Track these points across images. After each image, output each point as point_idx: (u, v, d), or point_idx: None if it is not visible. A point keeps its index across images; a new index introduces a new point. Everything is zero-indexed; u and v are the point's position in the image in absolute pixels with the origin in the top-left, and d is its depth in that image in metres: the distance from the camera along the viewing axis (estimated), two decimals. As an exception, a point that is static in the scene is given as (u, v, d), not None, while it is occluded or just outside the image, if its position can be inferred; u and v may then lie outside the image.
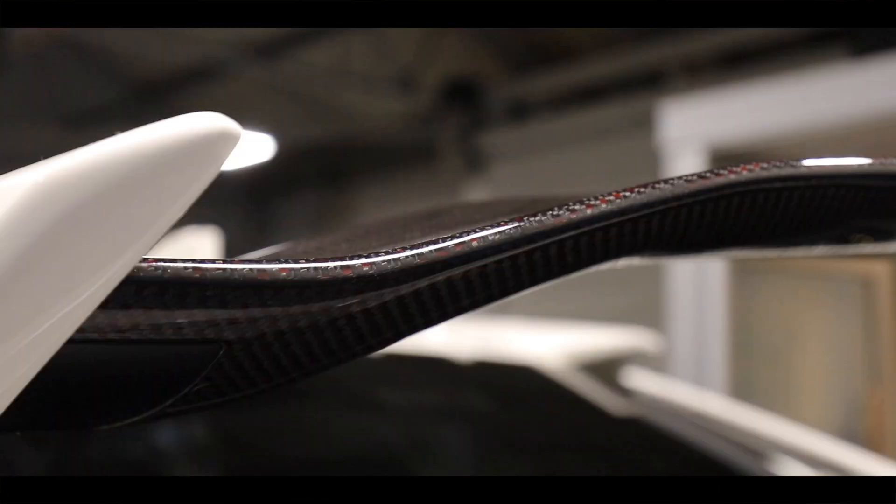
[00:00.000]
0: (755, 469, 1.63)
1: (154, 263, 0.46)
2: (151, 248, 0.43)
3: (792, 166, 0.55)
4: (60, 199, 0.40)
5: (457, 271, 0.50)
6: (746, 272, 5.21)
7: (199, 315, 0.47)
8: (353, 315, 0.50)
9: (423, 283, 0.50)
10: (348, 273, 0.48)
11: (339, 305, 0.49)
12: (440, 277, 0.50)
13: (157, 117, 0.43)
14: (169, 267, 0.45)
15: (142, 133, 0.41)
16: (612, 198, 0.52)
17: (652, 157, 5.61)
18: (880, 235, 0.64)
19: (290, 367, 0.51)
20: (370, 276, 0.48)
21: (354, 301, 0.49)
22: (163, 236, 0.44)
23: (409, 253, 0.49)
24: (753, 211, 0.56)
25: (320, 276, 0.47)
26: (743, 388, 4.99)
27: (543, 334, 1.95)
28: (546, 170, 8.10)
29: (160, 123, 0.42)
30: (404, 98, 8.64)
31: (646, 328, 2.73)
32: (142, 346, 0.47)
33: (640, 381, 1.86)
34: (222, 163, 0.42)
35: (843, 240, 0.63)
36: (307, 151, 9.83)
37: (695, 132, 5.21)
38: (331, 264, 0.47)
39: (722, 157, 5.16)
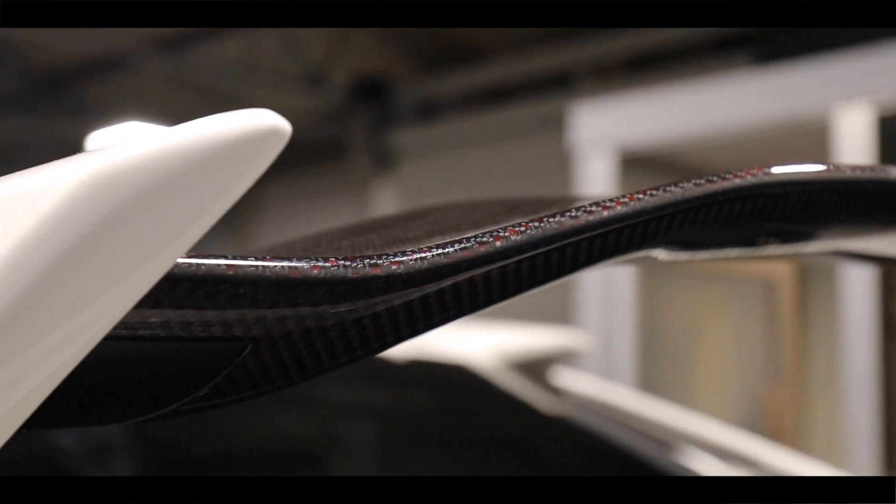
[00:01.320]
0: (687, 469, 1.65)
1: (187, 260, 0.45)
2: (191, 246, 0.43)
3: (794, 173, 0.57)
4: (105, 198, 0.39)
5: (479, 271, 0.50)
6: (653, 273, 5.29)
7: (230, 312, 0.46)
8: (378, 314, 0.50)
9: (446, 283, 0.50)
10: (378, 272, 0.47)
11: (366, 304, 0.49)
12: (463, 277, 0.50)
13: (59, 109, 0.42)
14: (203, 264, 0.45)
15: (191, 129, 0.41)
16: (626, 200, 0.53)
17: (562, 157, 5.66)
18: (788, 238, 0.66)
19: (309, 365, 0.50)
20: (399, 274, 0.48)
21: (381, 300, 0.49)
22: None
23: (435, 252, 0.49)
24: (753, 213, 0.57)
25: (350, 274, 0.47)
26: (650, 387, 5.07)
27: (475, 333, 1.95)
28: (455, 169, 8.13)
29: (209, 119, 0.41)
30: (313, 95, 8.60)
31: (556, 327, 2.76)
32: (169, 343, 0.47)
33: (571, 380, 1.88)
34: (270, 161, 0.42)
35: (751, 243, 0.64)
36: (213, 147, 9.70)
37: (605, 134, 5.28)
38: (360, 263, 0.47)
39: (631, 160, 5.23)
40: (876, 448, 4.41)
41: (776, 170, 0.56)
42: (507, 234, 0.50)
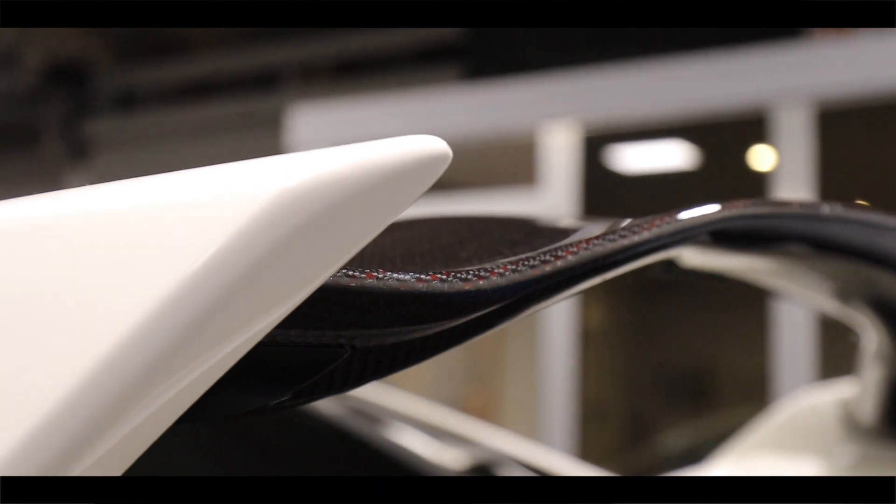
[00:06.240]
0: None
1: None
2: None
3: (774, 206, 0.64)
4: (298, 213, 0.40)
5: (541, 287, 0.54)
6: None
7: (344, 321, 0.48)
8: (456, 327, 0.53)
9: (516, 297, 0.54)
10: (469, 287, 0.51)
11: (450, 317, 0.51)
12: (526, 292, 0.54)
13: None
14: (328, 274, 0.47)
15: (368, 150, 0.42)
16: (649, 226, 0.59)
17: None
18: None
19: (381, 372, 0.53)
20: (485, 290, 0.51)
21: (465, 313, 0.52)
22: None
23: (510, 269, 0.53)
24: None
25: (447, 289, 0.50)
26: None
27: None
28: (158, 162, 7.94)
29: (383, 142, 0.43)
30: (2, 76, 8.17)
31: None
32: (280, 347, 0.48)
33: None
34: (432, 182, 0.44)
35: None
36: None
37: (321, 137, 5.32)
38: (453, 278, 0.50)
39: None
40: (570, 453, 4.67)
41: (756, 203, 0.64)
42: (564, 254, 0.55)
